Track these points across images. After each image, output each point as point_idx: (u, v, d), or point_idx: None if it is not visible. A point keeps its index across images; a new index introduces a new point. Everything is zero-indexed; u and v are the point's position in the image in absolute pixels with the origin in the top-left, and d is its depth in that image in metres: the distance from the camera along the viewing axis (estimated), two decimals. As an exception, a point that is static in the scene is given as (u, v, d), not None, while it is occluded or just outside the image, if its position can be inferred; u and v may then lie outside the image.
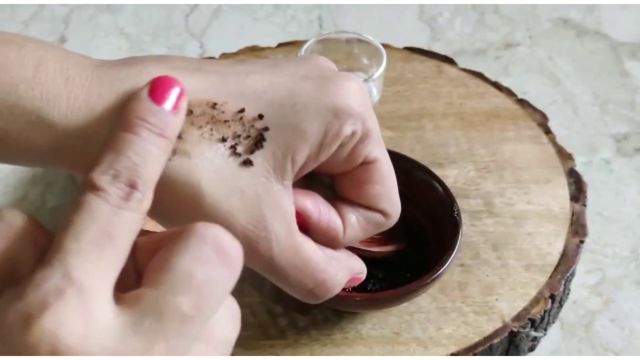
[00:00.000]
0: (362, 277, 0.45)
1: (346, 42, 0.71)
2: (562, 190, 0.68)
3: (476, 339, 0.58)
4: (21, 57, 0.37)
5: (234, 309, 0.31)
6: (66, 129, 0.36)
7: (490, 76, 0.78)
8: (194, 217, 0.37)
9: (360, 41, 0.70)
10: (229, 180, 0.37)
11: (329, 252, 0.42)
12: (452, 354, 0.57)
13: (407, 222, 0.49)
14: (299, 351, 0.57)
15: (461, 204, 0.60)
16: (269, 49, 0.81)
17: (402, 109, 0.75)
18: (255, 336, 0.58)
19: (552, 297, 0.60)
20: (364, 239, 0.45)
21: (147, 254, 0.30)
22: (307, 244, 0.40)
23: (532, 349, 0.62)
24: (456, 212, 0.57)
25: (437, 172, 0.61)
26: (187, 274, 0.28)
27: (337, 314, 0.59)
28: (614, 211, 0.74)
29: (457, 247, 0.55)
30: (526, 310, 0.59)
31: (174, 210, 0.37)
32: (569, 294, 0.64)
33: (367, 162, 0.41)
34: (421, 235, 0.60)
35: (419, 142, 0.72)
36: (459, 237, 0.56)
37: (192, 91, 0.38)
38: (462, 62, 0.80)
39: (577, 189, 0.68)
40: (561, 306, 0.64)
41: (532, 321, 0.59)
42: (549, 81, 0.88)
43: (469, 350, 0.57)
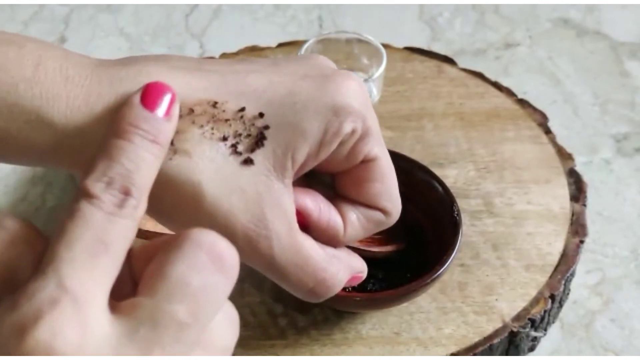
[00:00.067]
0: (363, 276, 0.45)
1: (346, 42, 0.71)
2: (562, 190, 0.68)
3: (476, 339, 0.58)
4: (21, 56, 0.37)
5: (232, 314, 0.31)
6: (66, 128, 0.36)
7: (490, 76, 0.78)
8: (194, 216, 0.37)
9: (360, 41, 0.70)
10: (230, 179, 0.37)
11: (330, 250, 0.42)
12: (452, 354, 0.57)
13: (407, 222, 0.49)
14: (299, 351, 0.57)
15: (461, 204, 0.60)
16: (269, 49, 0.80)
17: (402, 109, 0.75)
18: (255, 336, 0.58)
19: (552, 297, 0.60)
20: (364, 238, 0.45)
21: (142, 261, 0.30)
22: (307, 242, 0.40)
23: (532, 349, 0.62)
24: (456, 212, 0.57)
25: (437, 172, 0.61)
26: (183, 282, 0.28)
27: (337, 314, 0.59)
28: (614, 211, 0.74)
29: (457, 247, 0.55)
30: (526, 310, 0.59)
31: (174, 209, 0.37)
32: (569, 294, 0.64)
33: (367, 160, 0.41)
34: (421, 235, 0.60)
35: (419, 142, 0.72)
36: (459, 237, 0.56)
37: (192, 90, 0.38)
38: (462, 62, 0.80)
39: (577, 189, 0.67)
40: (561, 306, 0.64)
41: (532, 321, 0.59)
42: (549, 81, 0.88)
43: (469, 350, 0.57)
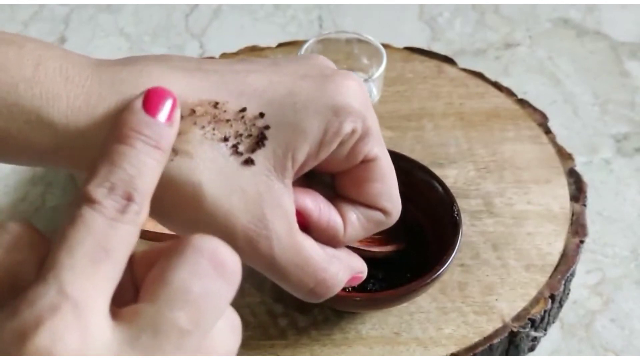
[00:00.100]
0: (363, 276, 0.45)
1: (346, 42, 0.71)
2: (562, 190, 0.68)
3: (476, 339, 0.58)
4: (21, 56, 0.37)
5: (233, 320, 0.30)
6: (66, 128, 0.36)
7: (490, 76, 0.78)
8: (195, 216, 0.37)
9: (360, 41, 0.70)
10: (230, 179, 0.37)
11: (330, 250, 0.42)
12: (452, 354, 0.57)
13: (407, 222, 0.49)
14: (299, 351, 0.57)
15: (461, 204, 0.60)
16: (269, 49, 0.80)
17: (402, 109, 0.75)
18: (255, 336, 0.58)
19: (552, 297, 0.60)
20: (364, 238, 0.45)
21: (144, 267, 0.30)
22: (307, 242, 0.40)
23: (532, 349, 0.62)
24: (456, 212, 0.57)
25: (437, 172, 0.61)
26: (184, 288, 0.28)
27: (337, 314, 0.59)
28: (614, 211, 0.74)
29: (457, 247, 0.55)
30: (526, 310, 0.59)
31: (174, 209, 0.37)
32: (569, 294, 0.64)
33: (367, 160, 0.41)
34: (421, 235, 0.60)
35: (419, 142, 0.72)
36: (459, 237, 0.56)
37: (193, 90, 0.38)
38: (462, 62, 0.80)
39: (577, 189, 0.68)
40: (561, 306, 0.64)
41: (532, 321, 0.59)
42: (549, 81, 0.88)
43: (469, 350, 0.57)
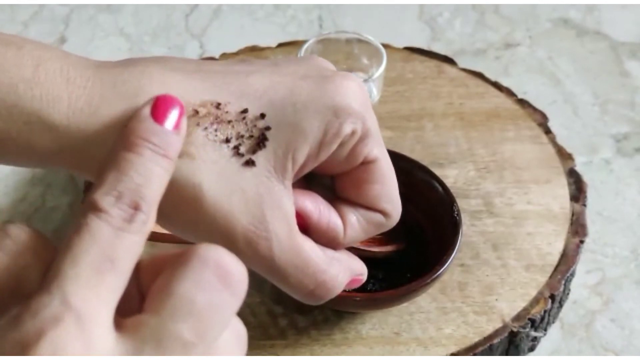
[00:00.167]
0: (363, 278, 0.45)
1: (346, 42, 0.71)
2: (562, 190, 0.68)
3: (476, 339, 0.58)
4: (20, 57, 0.37)
5: (239, 331, 0.30)
6: (67, 130, 0.36)
7: (490, 76, 0.78)
8: (195, 217, 0.37)
9: (360, 41, 0.70)
10: (231, 180, 0.37)
11: (330, 252, 0.42)
12: (452, 354, 0.57)
13: (407, 222, 0.49)
14: (299, 351, 0.57)
15: (461, 204, 0.60)
16: (269, 49, 0.80)
17: (402, 109, 0.75)
18: (255, 336, 0.58)
19: (552, 297, 0.60)
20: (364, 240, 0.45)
21: (150, 275, 0.30)
22: (307, 244, 0.40)
23: (532, 349, 0.62)
24: (456, 212, 0.57)
25: (437, 172, 0.61)
26: (188, 300, 0.27)
27: (337, 314, 0.59)
28: (614, 211, 0.74)
29: (457, 247, 0.55)
30: (526, 310, 0.59)
31: (174, 211, 0.37)
32: (569, 294, 0.64)
33: (367, 162, 0.41)
34: (421, 235, 0.60)
35: (419, 142, 0.72)
36: (459, 237, 0.56)
37: (195, 91, 0.38)
38: (462, 62, 0.80)
39: (577, 189, 0.68)
40: (561, 306, 0.64)
41: (532, 321, 0.59)
42: (549, 81, 0.88)
43: (469, 350, 0.57)
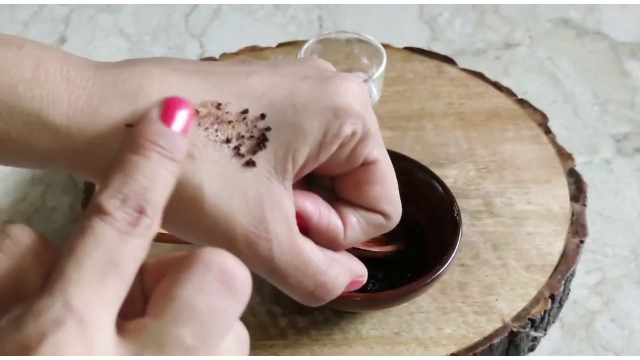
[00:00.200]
0: (363, 280, 0.45)
1: (346, 42, 0.71)
2: (562, 190, 0.68)
3: (476, 339, 0.58)
4: (20, 57, 0.37)
5: (241, 335, 0.30)
6: (67, 130, 0.36)
7: (490, 76, 0.78)
8: (195, 218, 0.37)
9: (360, 41, 0.70)
10: (231, 181, 0.37)
11: (330, 253, 0.42)
12: (452, 354, 0.57)
13: (407, 222, 0.49)
14: (299, 351, 0.57)
15: (461, 204, 0.60)
16: (269, 49, 0.80)
17: (402, 109, 0.75)
18: (255, 336, 0.58)
19: (552, 297, 0.60)
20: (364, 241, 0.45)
21: (154, 277, 0.29)
22: (307, 245, 0.40)
23: (532, 349, 0.62)
24: (456, 212, 0.57)
25: (437, 172, 0.61)
26: (190, 304, 0.27)
27: (337, 314, 0.59)
28: (614, 211, 0.74)
29: (457, 247, 0.55)
30: (526, 310, 0.59)
31: (174, 211, 0.37)
32: (569, 294, 0.64)
33: (367, 163, 0.41)
34: (421, 235, 0.60)
35: (419, 142, 0.72)
36: (459, 237, 0.56)
37: (195, 91, 0.38)
38: (462, 62, 0.80)
39: (577, 189, 0.68)
40: (561, 306, 0.64)
41: (532, 321, 0.59)
42: (549, 81, 0.88)
43: (469, 350, 0.57)
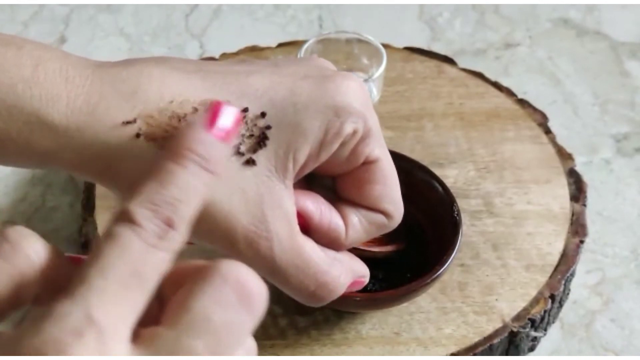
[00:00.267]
0: (365, 280, 0.45)
1: (346, 42, 0.71)
2: (562, 190, 0.68)
3: (476, 339, 0.57)
4: (19, 57, 0.37)
5: (251, 348, 0.30)
6: (66, 129, 0.36)
7: (490, 76, 0.78)
8: (195, 217, 0.37)
9: (360, 41, 0.70)
10: (231, 180, 0.37)
11: (331, 253, 0.41)
12: (452, 354, 0.57)
13: (407, 222, 0.49)
14: (299, 351, 0.57)
15: (461, 204, 0.60)
16: (269, 49, 0.80)
17: (402, 109, 0.75)
18: (255, 336, 0.58)
19: (552, 297, 0.60)
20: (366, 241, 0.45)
21: (171, 285, 0.29)
22: (308, 244, 0.40)
23: (532, 349, 0.62)
24: (456, 212, 0.57)
25: (437, 172, 0.61)
26: (205, 317, 0.27)
27: (337, 314, 0.59)
28: (614, 211, 0.74)
29: (457, 247, 0.55)
30: (526, 310, 0.59)
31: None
32: (569, 294, 0.64)
33: (368, 162, 0.41)
34: (421, 235, 0.60)
35: (419, 142, 0.72)
36: (459, 237, 0.56)
37: (195, 90, 0.38)
38: (462, 62, 0.80)
39: (577, 189, 0.67)
40: (561, 306, 0.64)
41: (532, 321, 0.59)
42: (549, 81, 0.87)
43: (469, 350, 0.57)
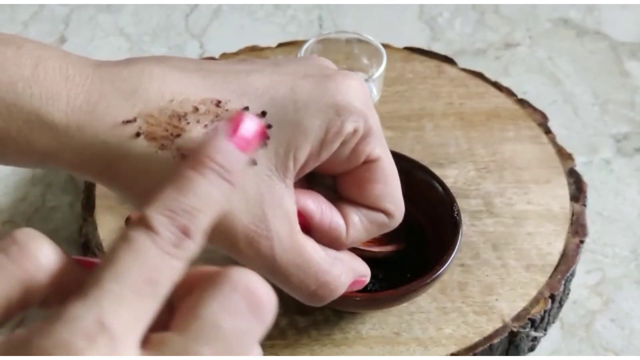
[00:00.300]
0: (366, 280, 0.44)
1: (346, 42, 0.71)
2: (562, 190, 0.68)
3: (476, 339, 0.57)
4: (19, 56, 0.37)
5: (258, 354, 0.30)
6: (66, 127, 0.36)
7: (490, 76, 0.78)
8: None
9: (360, 41, 0.70)
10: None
11: (332, 253, 0.41)
12: (452, 354, 0.57)
13: (407, 222, 0.49)
14: (299, 351, 0.57)
15: (461, 204, 0.60)
16: (269, 49, 0.80)
17: (402, 109, 0.75)
18: (255, 336, 0.58)
19: (552, 297, 0.60)
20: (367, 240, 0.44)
21: (181, 290, 0.29)
22: (309, 244, 0.40)
23: (532, 349, 0.62)
24: (456, 212, 0.57)
25: (437, 172, 0.61)
26: (214, 324, 0.27)
27: (337, 314, 0.59)
28: (614, 211, 0.74)
29: (457, 247, 0.55)
30: (526, 310, 0.59)
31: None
32: (569, 294, 0.64)
33: (369, 161, 0.41)
34: (421, 235, 0.60)
35: (419, 142, 0.72)
36: (459, 237, 0.56)
37: (196, 88, 0.38)
38: (462, 62, 0.80)
39: (577, 189, 0.67)
40: (561, 306, 0.64)
41: (532, 321, 0.59)
42: (549, 81, 0.87)
43: (469, 350, 0.57)
